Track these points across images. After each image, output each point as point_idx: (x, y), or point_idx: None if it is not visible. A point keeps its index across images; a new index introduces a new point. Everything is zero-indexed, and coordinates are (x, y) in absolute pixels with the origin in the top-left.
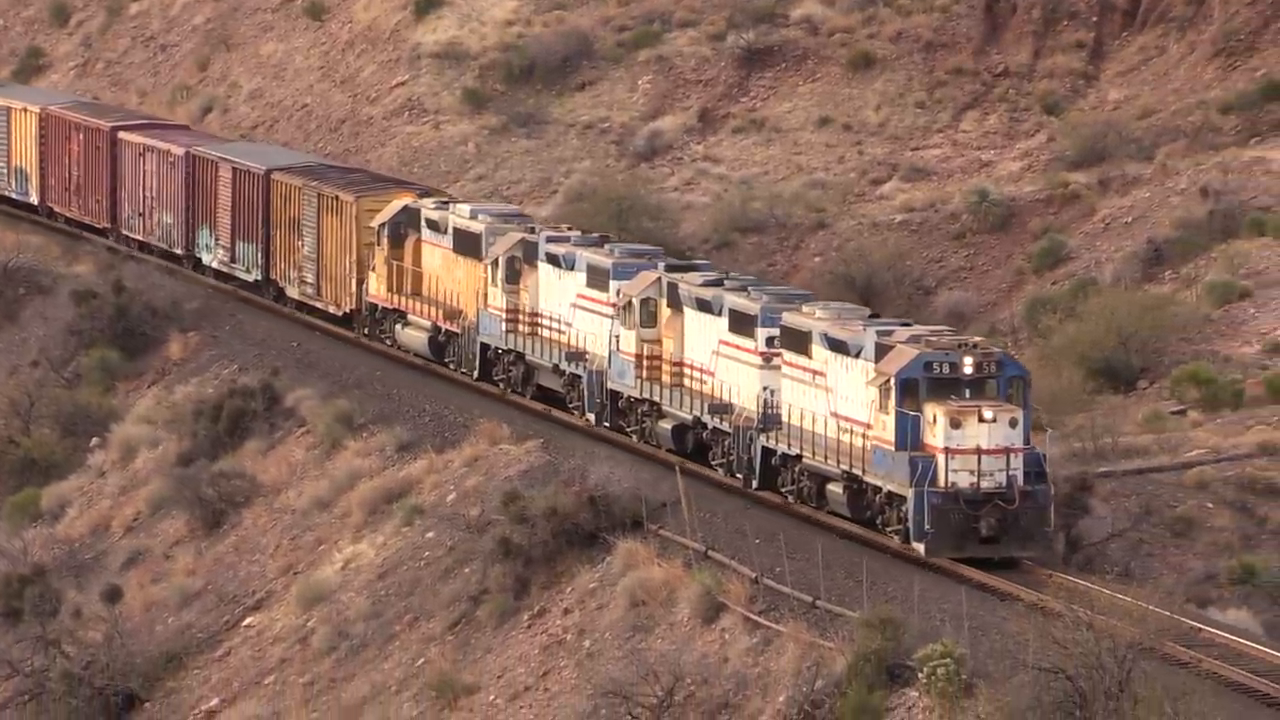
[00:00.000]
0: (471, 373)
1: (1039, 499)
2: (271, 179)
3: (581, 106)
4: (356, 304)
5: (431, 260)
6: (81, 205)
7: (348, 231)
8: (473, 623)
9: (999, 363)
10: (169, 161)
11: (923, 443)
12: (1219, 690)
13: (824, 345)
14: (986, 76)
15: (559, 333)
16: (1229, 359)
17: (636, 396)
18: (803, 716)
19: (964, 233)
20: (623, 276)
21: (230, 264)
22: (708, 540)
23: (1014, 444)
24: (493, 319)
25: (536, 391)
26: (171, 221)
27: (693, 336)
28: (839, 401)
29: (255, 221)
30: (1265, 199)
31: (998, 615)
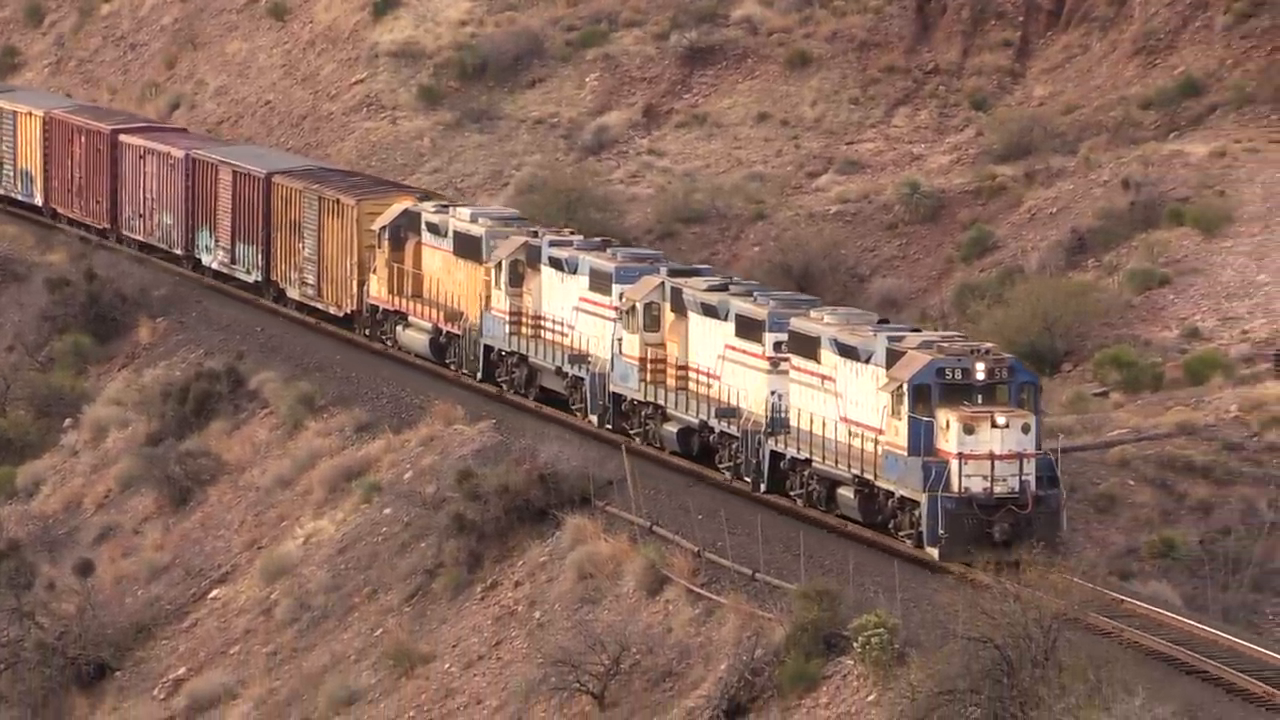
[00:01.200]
0: (474, 374)
1: (1051, 503)
2: (272, 182)
3: (532, 103)
4: (357, 305)
5: (432, 263)
6: (83, 207)
7: (348, 234)
8: (428, 595)
9: (1010, 368)
10: (169, 164)
11: (935, 448)
12: (1140, 659)
13: (833, 350)
14: (917, 74)
15: (562, 335)
16: (1149, 343)
17: (640, 399)
18: (743, 684)
19: (896, 223)
20: (625, 280)
21: (230, 265)
22: (652, 516)
23: (1026, 449)
24: (496, 321)
25: (539, 393)
26: (171, 223)
27: (697, 341)
28: (849, 406)
29: (255, 224)
30: (1183, 190)
31: (929, 587)
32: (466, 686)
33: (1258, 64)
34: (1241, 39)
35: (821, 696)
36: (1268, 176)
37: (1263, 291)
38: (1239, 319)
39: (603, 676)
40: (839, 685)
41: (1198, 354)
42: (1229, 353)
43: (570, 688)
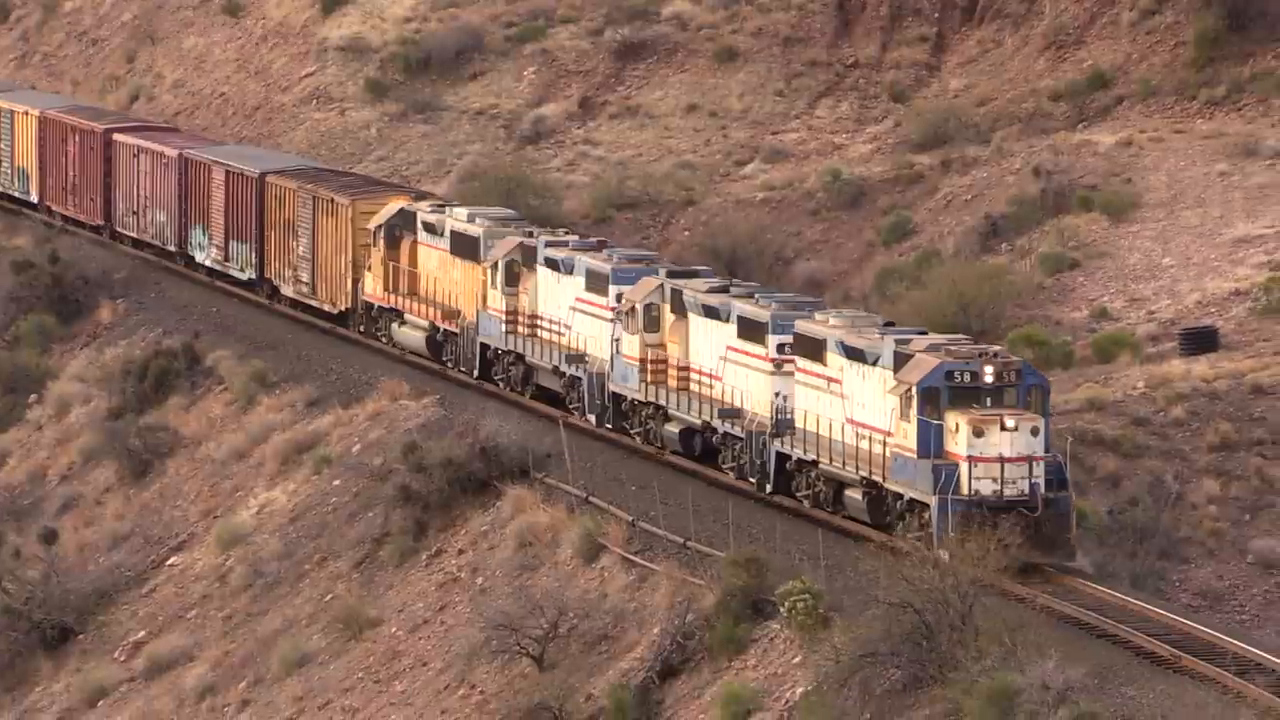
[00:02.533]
0: (471, 372)
1: (1061, 506)
2: (266, 181)
3: (473, 95)
4: (352, 302)
5: (428, 261)
6: (77, 204)
7: (343, 233)
8: (376, 562)
9: (1018, 371)
10: (162, 163)
11: (945, 451)
12: (1053, 623)
13: (839, 353)
14: (839, 68)
15: (558, 335)
16: (1060, 323)
17: (641, 399)
18: (675, 647)
19: (819, 209)
20: (622, 281)
21: (224, 262)
22: (588, 487)
23: (1036, 452)
24: (492, 320)
25: (535, 391)
26: (165, 220)
27: (698, 342)
28: (855, 408)
29: (249, 222)
30: (1092, 178)
31: (852, 554)
32: (412, 649)
33: (1162, 58)
34: (1146, 34)
35: (750, 659)
36: (1172, 165)
37: (1167, 274)
38: (1145, 300)
39: (542, 640)
40: (766, 648)
41: (1106, 333)
42: (1136, 332)
43: (511, 650)
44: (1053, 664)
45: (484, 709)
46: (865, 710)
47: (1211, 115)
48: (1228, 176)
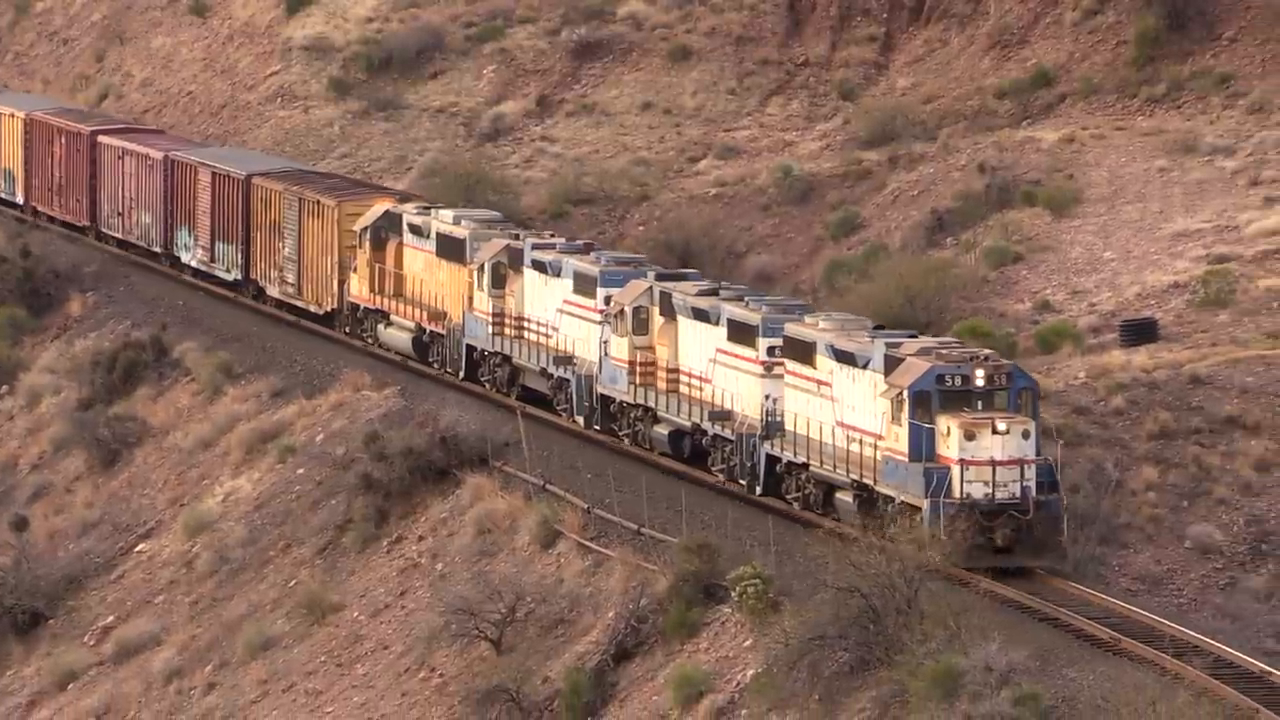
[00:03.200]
0: (457, 373)
1: (1052, 509)
2: (252, 183)
3: (433, 93)
4: (338, 303)
5: (414, 263)
6: (63, 205)
7: (329, 234)
8: (338, 548)
9: (1009, 374)
10: (148, 165)
11: (937, 454)
12: (996, 607)
13: (829, 356)
14: (790, 66)
15: (545, 337)
16: (1004, 315)
17: (630, 401)
18: (629, 631)
19: (770, 204)
20: (610, 284)
21: (210, 263)
22: (545, 475)
23: (1027, 455)
24: (478, 322)
25: (522, 392)
26: (150, 221)
27: (688, 344)
28: (846, 411)
29: (235, 223)
30: (1035, 174)
31: (801, 541)
32: (374, 633)
33: (1104, 57)
34: (1089, 34)
35: (702, 642)
36: (1113, 161)
37: (1108, 267)
38: (1087, 293)
39: (500, 624)
40: (718, 631)
41: (1049, 325)
42: (1077, 324)
43: (470, 634)
44: (996, 647)
45: (443, 691)
46: (814, 691)
47: (1152, 113)
48: (1167, 172)
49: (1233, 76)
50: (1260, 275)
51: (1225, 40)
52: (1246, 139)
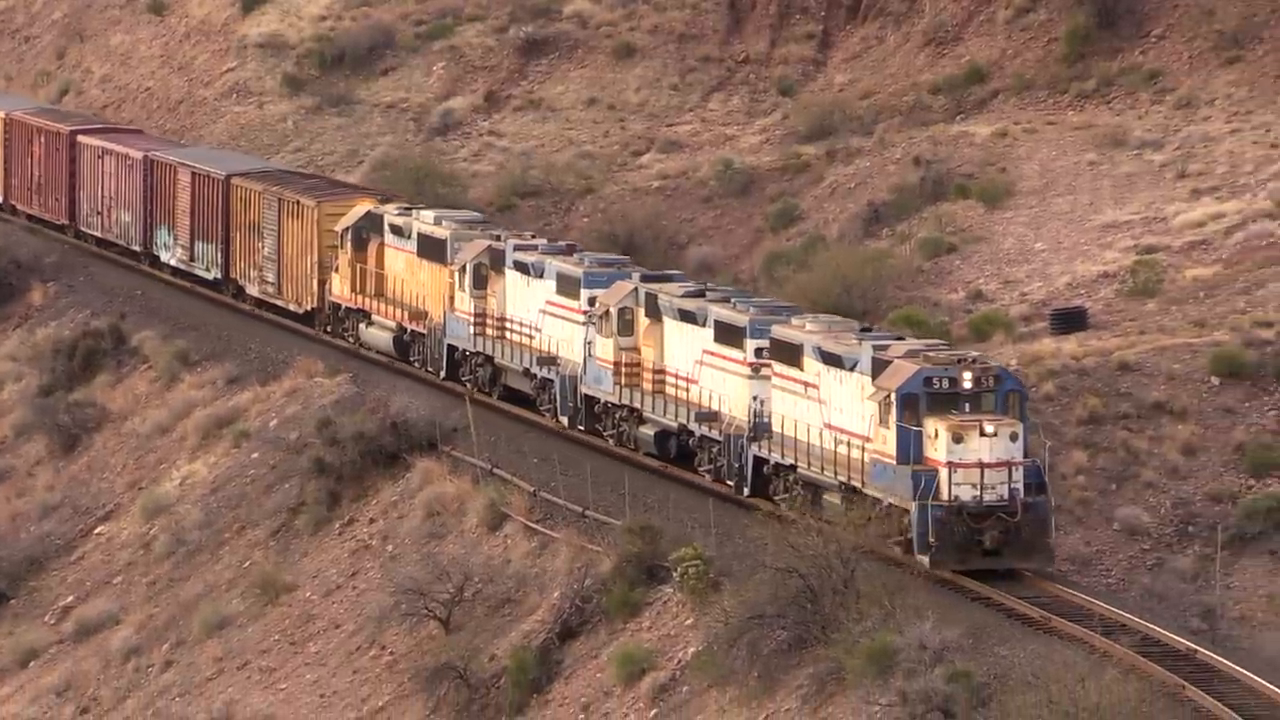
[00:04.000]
0: (438, 373)
1: (1040, 511)
2: (231, 184)
3: (384, 89)
4: (318, 303)
5: (395, 263)
6: (42, 204)
7: (309, 234)
8: (292, 530)
9: (997, 376)
10: (127, 165)
11: (924, 457)
12: (931, 587)
13: (816, 358)
14: (730, 63)
15: (528, 337)
16: (938, 304)
17: (615, 402)
18: (574, 610)
19: (711, 196)
20: (594, 285)
21: (189, 262)
22: (493, 459)
23: (1015, 457)
24: (460, 322)
25: (504, 391)
26: (130, 220)
27: (673, 345)
28: (833, 413)
29: (214, 223)
30: (968, 167)
31: (740, 522)
32: (326, 612)
33: (1035, 54)
34: (1021, 31)
35: (645, 621)
36: (1044, 155)
37: (1039, 258)
38: (1018, 282)
39: (448, 603)
40: (660, 611)
41: (981, 314)
42: (1009, 312)
43: (419, 613)
44: (930, 625)
45: (393, 669)
46: (753, 669)
47: (1082, 108)
48: (1097, 166)
49: (1161, 73)
50: (1187, 265)
51: (1154, 38)
52: (1174, 133)
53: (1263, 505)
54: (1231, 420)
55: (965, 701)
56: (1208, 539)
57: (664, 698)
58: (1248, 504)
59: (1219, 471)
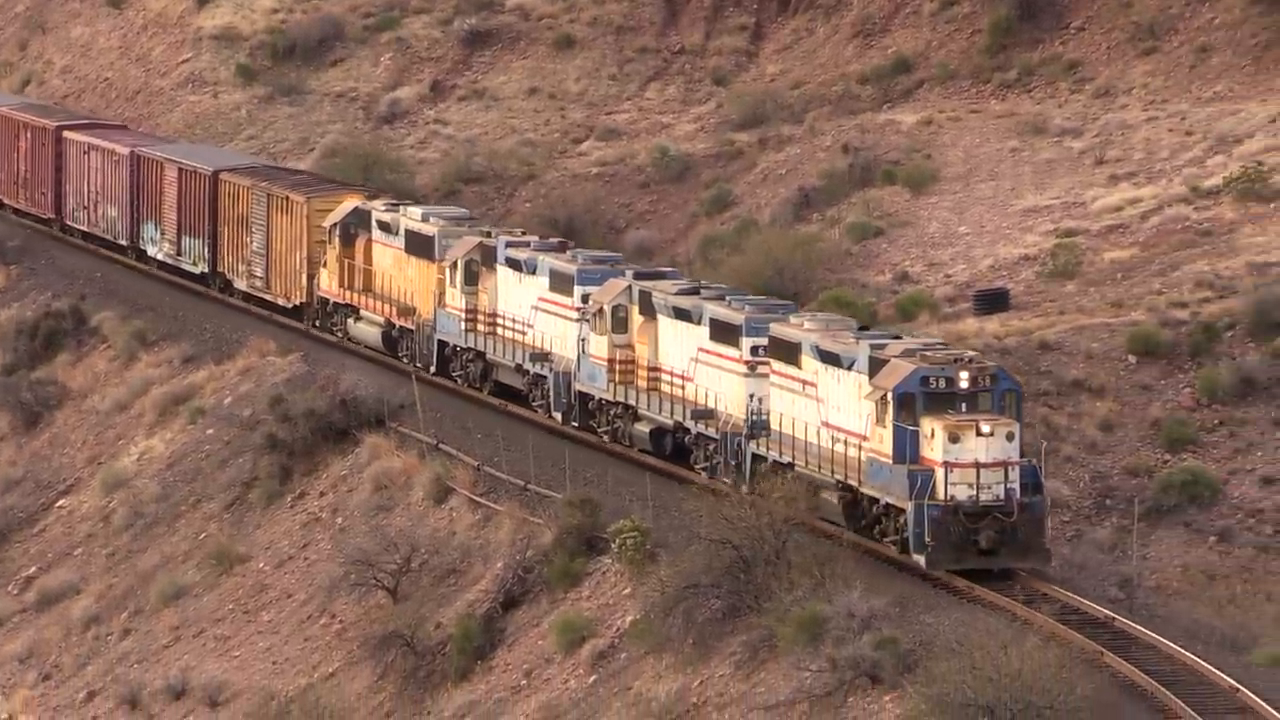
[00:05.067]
0: (428, 368)
1: (1036, 510)
2: (219, 179)
3: (334, 79)
4: (307, 297)
5: (383, 259)
6: (29, 198)
7: (298, 230)
8: (245, 504)
9: (993, 376)
10: (113, 160)
11: (921, 456)
12: (858, 557)
13: (814, 357)
14: (667, 54)
15: (520, 334)
16: (866, 286)
17: (609, 399)
18: (517, 580)
19: (648, 182)
20: (587, 282)
21: (176, 257)
22: (438, 435)
23: (1011, 457)
24: (450, 318)
25: (495, 387)
26: (116, 215)
27: (668, 343)
28: (831, 412)
29: (201, 218)
30: (895, 154)
31: (676, 496)
32: (278, 583)
33: (959, 45)
34: (946, 23)
35: (584, 590)
36: (967, 142)
37: (963, 241)
38: (943, 264)
39: (396, 574)
40: (599, 580)
41: (908, 294)
42: (934, 294)
43: (368, 583)
44: (858, 594)
45: (343, 636)
46: (688, 636)
47: (1004, 97)
48: (1018, 152)
49: (1080, 63)
50: (1105, 248)
51: (1073, 29)
52: (1093, 121)
53: (1178, 479)
54: (1148, 397)
55: (892, 667)
56: (1125, 511)
57: (603, 664)
58: (1163, 478)
59: (1136, 446)
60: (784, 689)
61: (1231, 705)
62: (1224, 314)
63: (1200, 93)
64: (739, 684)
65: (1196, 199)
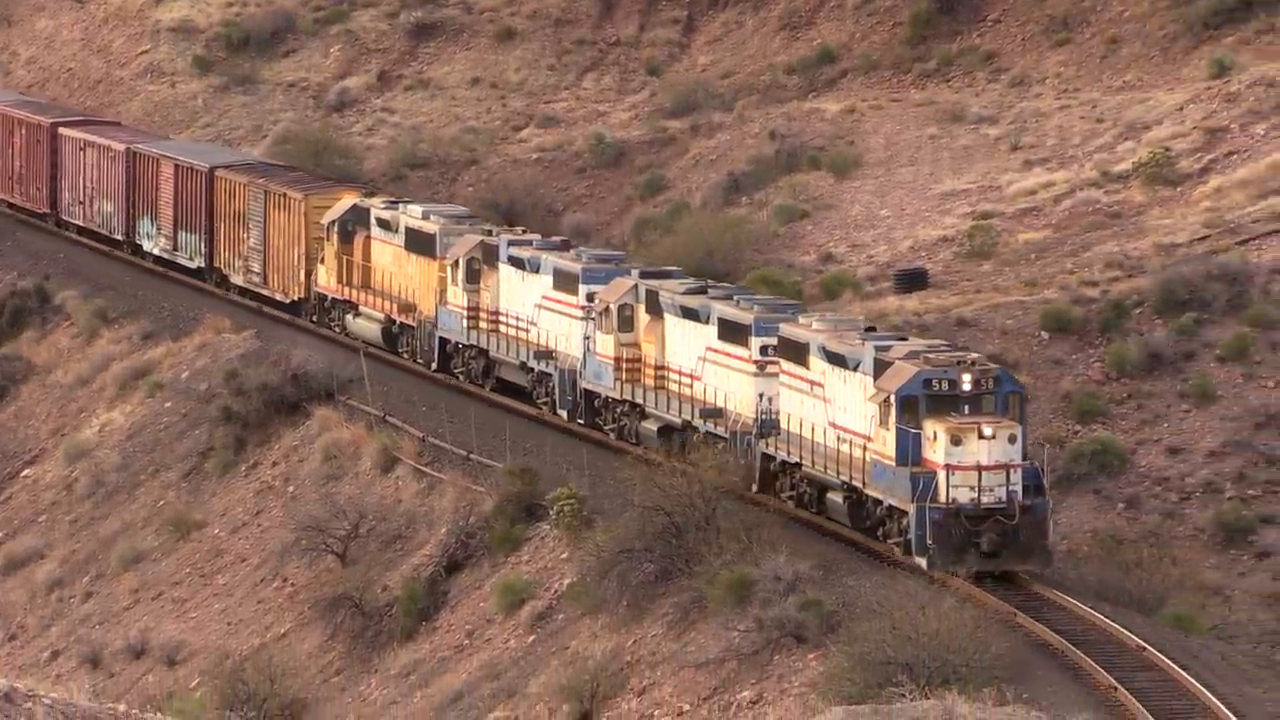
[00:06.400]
0: (429, 364)
1: (1037, 513)
2: (215, 176)
3: (286, 70)
4: (305, 293)
5: (382, 256)
6: (24, 193)
7: (296, 227)
8: (201, 473)
9: (996, 379)
10: (109, 156)
11: (923, 458)
12: (784, 523)
13: (822, 358)
14: (603, 45)
15: (523, 332)
16: (792, 265)
17: (616, 397)
18: (460, 545)
19: (585, 168)
20: (592, 281)
21: (172, 251)
22: (385, 408)
23: (1013, 460)
24: (452, 316)
25: (497, 384)
26: (112, 210)
27: (675, 342)
28: (837, 412)
29: (198, 214)
30: (820, 141)
31: (612, 465)
32: (233, 547)
33: (881, 37)
34: (868, 16)
35: (524, 554)
36: (888, 129)
37: (884, 223)
38: (865, 245)
39: (345, 539)
40: (538, 545)
41: (832, 274)
42: (857, 273)
43: (318, 548)
44: (784, 558)
45: (295, 599)
46: (623, 598)
47: (924, 86)
48: (937, 139)
49: (996, 54)
50: (1019, 230)
51: (989, 22)
52: (1008, 109)
53: (1088, 449)
54: (1060, 371)
55: (816, 627)
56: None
57: (541, 625)
58: (1074, 447)
59: (1048, 418)
60: (713, 648)
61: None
62: (1132, 292)
63: (1110, 82)
64: (670, 643)
65: (1106, 183)
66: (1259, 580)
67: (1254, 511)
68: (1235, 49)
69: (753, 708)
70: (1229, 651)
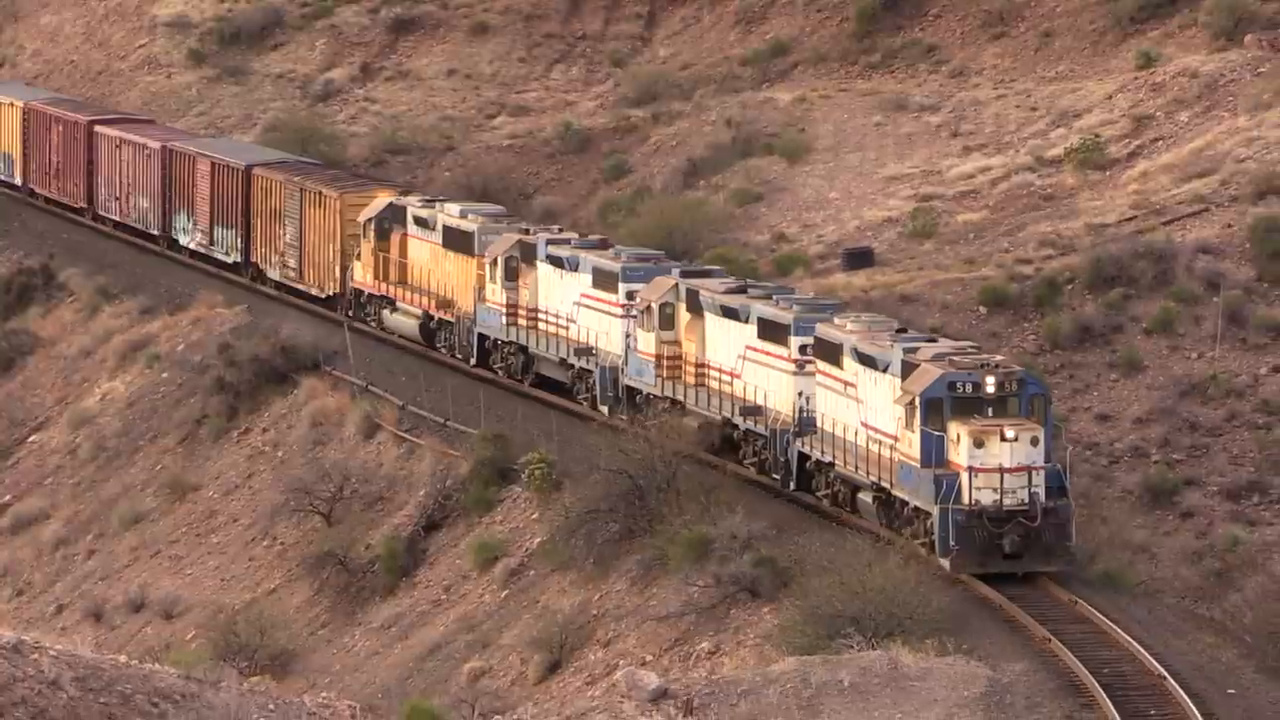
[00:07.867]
0: (469, 360)
1: (1060, 515)
2: (252, 174)
3: (275, 62)
4: (340, 288)
5: (419, 253)
6: (60, 188)
7: (331, 224)
8: (196, 439)
9: (1020, 381)
10: (145, 154)
11: (947, 460)
12: (740, 486)
13: (854, 358)
14: (570, 39)
15: (563, 329)
16: (747, 245)
17: (657, 394)
18: (437, 506)
19: (554, 153)
20: (631, 279)
21: (209, 246)
22: (367, 378)
23: (1036, 462)
24: (491, 313)
25: (535, 379)
26: (148, 205)
27: (715, 340)
28: (869, 413)
29: (235, 210)
30: (773, 128)
31: (579, 431)
32: (226, 509)
33: (830, 31)
34: (817, 11)
35: (498, 515)
36: (837, 118)
37: (833, 205)
38: (815, 226)
39: (330, 500)
40: (510, 506)
41: (784, 253)
42: (808, 252)
43: (305, 509)
44: (740, 518)
45: (283, 556)
46: (589, 556)
47: (870, 77)
48: (882, 127)
49: (937, 47)
50: (959, 211)
51: (931, 16)
52: (948, 99)
53: None
54: (997, 343)
55: (770, 583)
56: None
57: (514, 581)
58: None
59: None
60: (674, 602)
61: (1070, 616)
62: (1065, 270)
63: (1044, 73)
64: (634, 598)
65: (1040, 167)
66: (1183, 539)
67: (1178, 474)
68: (1160, 42)
69: (711, 658)
70: (1155, 605)
